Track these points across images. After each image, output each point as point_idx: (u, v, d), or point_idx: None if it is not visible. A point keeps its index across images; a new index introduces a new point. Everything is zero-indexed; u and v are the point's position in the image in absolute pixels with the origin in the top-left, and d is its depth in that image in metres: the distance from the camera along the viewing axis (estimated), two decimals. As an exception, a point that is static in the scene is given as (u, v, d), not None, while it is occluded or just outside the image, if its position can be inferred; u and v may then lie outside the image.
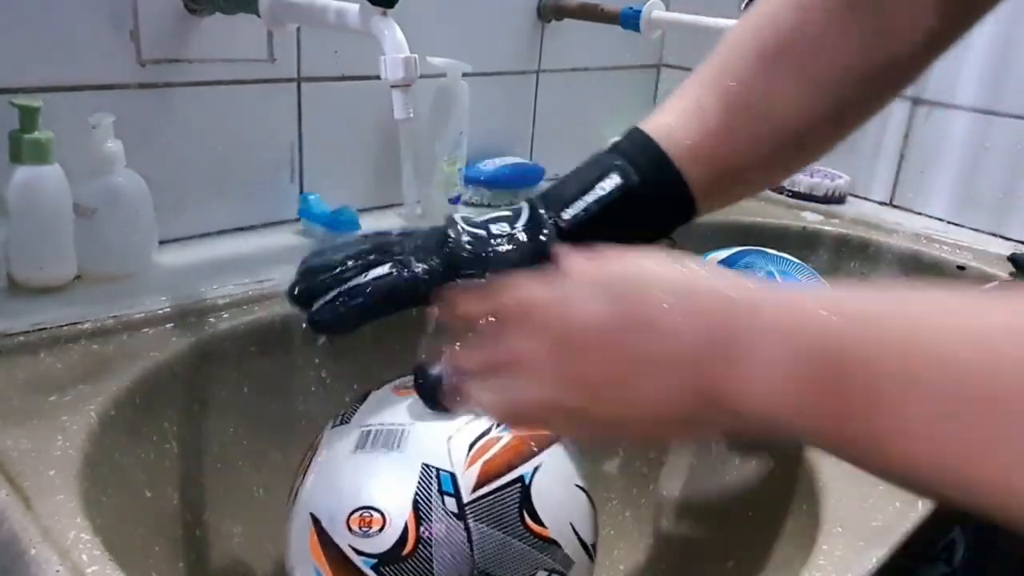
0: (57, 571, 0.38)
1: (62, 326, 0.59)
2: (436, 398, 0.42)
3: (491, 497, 0.44)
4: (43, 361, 0.56)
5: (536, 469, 0.46)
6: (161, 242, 0.75)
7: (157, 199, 0.71)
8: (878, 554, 0.43)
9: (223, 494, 0.61)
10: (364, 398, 0.51)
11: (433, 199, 0.93)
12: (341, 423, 0.49)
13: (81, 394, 0.52)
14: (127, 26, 0.70)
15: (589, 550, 0.48)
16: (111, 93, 0.70)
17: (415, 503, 0.44)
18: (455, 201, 0.95)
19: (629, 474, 0.69)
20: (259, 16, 0.65)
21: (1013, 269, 0.91)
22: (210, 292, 0.67)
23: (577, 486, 0.49)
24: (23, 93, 0.64)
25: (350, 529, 0.44)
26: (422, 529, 0.43)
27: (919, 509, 0.47)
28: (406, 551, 0.43)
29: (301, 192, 0.87)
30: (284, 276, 0.71)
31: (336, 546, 0.44)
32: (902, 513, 0.47)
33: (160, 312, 0.62)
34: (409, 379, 0.50)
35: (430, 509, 0.43)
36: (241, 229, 0.83)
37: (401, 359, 0.52)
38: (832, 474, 0.51)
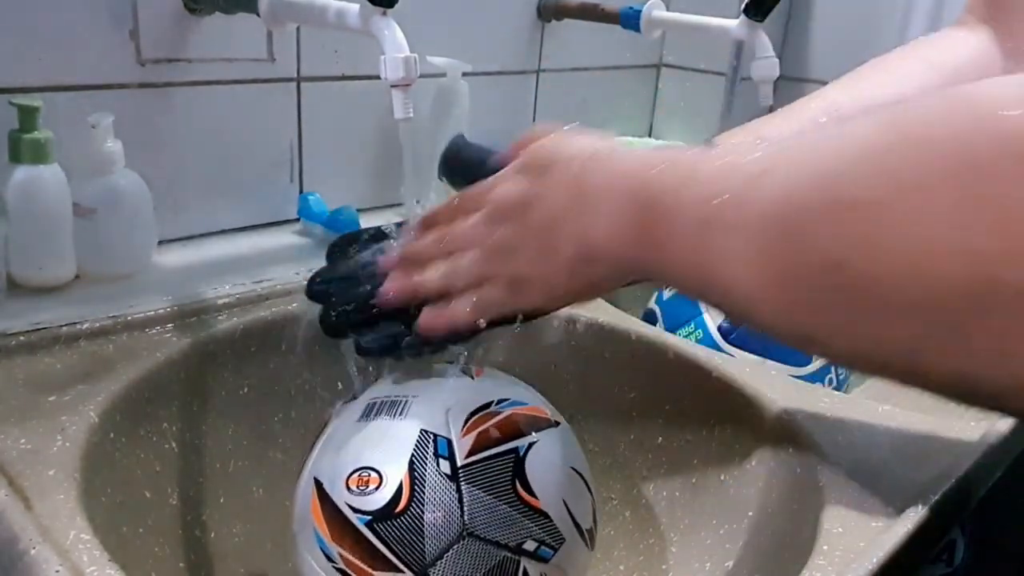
0: (57, 571, 0.38)
1: (62, 326, 0.59)
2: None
3: (484, 463, 0.45)
4: (43, 361, 0.56)
5: (531, 445, 0.47)
6: (161, 242, 0.75)
7: (157, 199, 0.71)
8: (878, 554, 0.43)
9: (223, 494, 0.61)
10: (376, 381, 0.53)
11: (433, 199, 0.93)
12: (351, 399, 0.52)
13: (81, 394, 0.52)
14: (127, 26, 0.70)
15: (584, 534, 0.48)
16: (111, 93, 0.70)
17: (411, 464, 0.45)
18: (455, 201, 0.94)
19: (629, 474, 0.69)
20: (259, 16, 0.65)
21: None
22: (210, 292, 0.67)
23: (573, 468, 0.50)
24: (23, 93, 0.64)
25: (348, 489, 0.45)
26: (415, 489, 0.44)
27: (919, 509, 0.47)
28: (399, 509, 0.44)
29: (301, 192, 0.87)
30: (284, 276, 0.72)
31: (334, 504, 0.46)
32: (902, 513, 0.47)
33: (160, 312, 0.62)
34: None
35: (424, 470, 0.45)
36: (241, 229, 0.83)
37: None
38: (832, 474, 0.51)
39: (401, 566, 0.44)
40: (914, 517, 0.46)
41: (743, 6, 0.85)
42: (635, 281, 0.43)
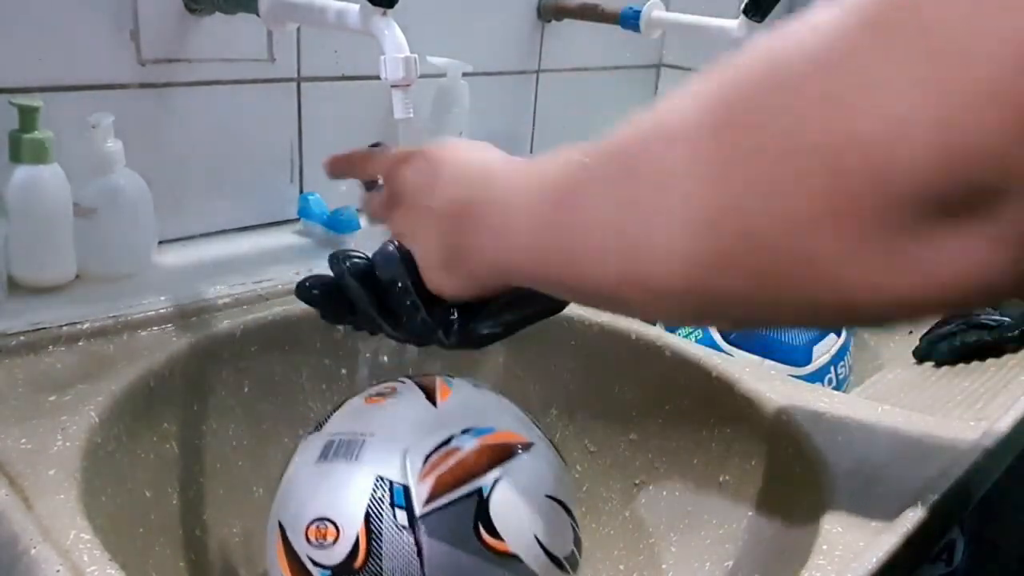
0: (57, 571, 0.38)
1: (62, 326, 0.59)
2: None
3: (444, 511, 0.43)
4: (43, 361, 0.56)
5: (497, 481, 0.45)
6: (161, 242, 0.75)
7: (157, 199, 0.71)
8: (878, 554, 0.43)
9: (223, 494, 0.61)
10: (341, 405, 0.51)
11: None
12: (315, 430, 0.50)
13: (81, 394, 0.52)
14: (127, 26, 0.70)
15: (561, 563, 0.47)
16: (111, 93, 0.70)
17: (367, 516, 0.43)
18: (455, 201, 0.94)
19: (629, 474, 0.69)
20: (259, 16, 0.65)
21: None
22: (210, 292, 0.67)
23: (548, 496, 0.47)
24: (23, 93, 0.64)
25: (308, 540, 0.44)
26: (372, 543, 0.43)
27: (919, 509, 0.47)
28: (357, 564, 0.43)
29: (301, 192, 0.87)
30: (284, 276, 0.72)
31: (296, 555, 0.45)
32: (902, 513, 0.47)
33: (160, 312, 0.62)
34: (382, 387, 0.51)
35: (381, 522, 0.43)
36: (241, 229, 0.83)
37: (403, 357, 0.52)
38: (832, 474, 0.51)
39: None
40: (914, 517, 0.46)
41: (742, 6, 0.86)
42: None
